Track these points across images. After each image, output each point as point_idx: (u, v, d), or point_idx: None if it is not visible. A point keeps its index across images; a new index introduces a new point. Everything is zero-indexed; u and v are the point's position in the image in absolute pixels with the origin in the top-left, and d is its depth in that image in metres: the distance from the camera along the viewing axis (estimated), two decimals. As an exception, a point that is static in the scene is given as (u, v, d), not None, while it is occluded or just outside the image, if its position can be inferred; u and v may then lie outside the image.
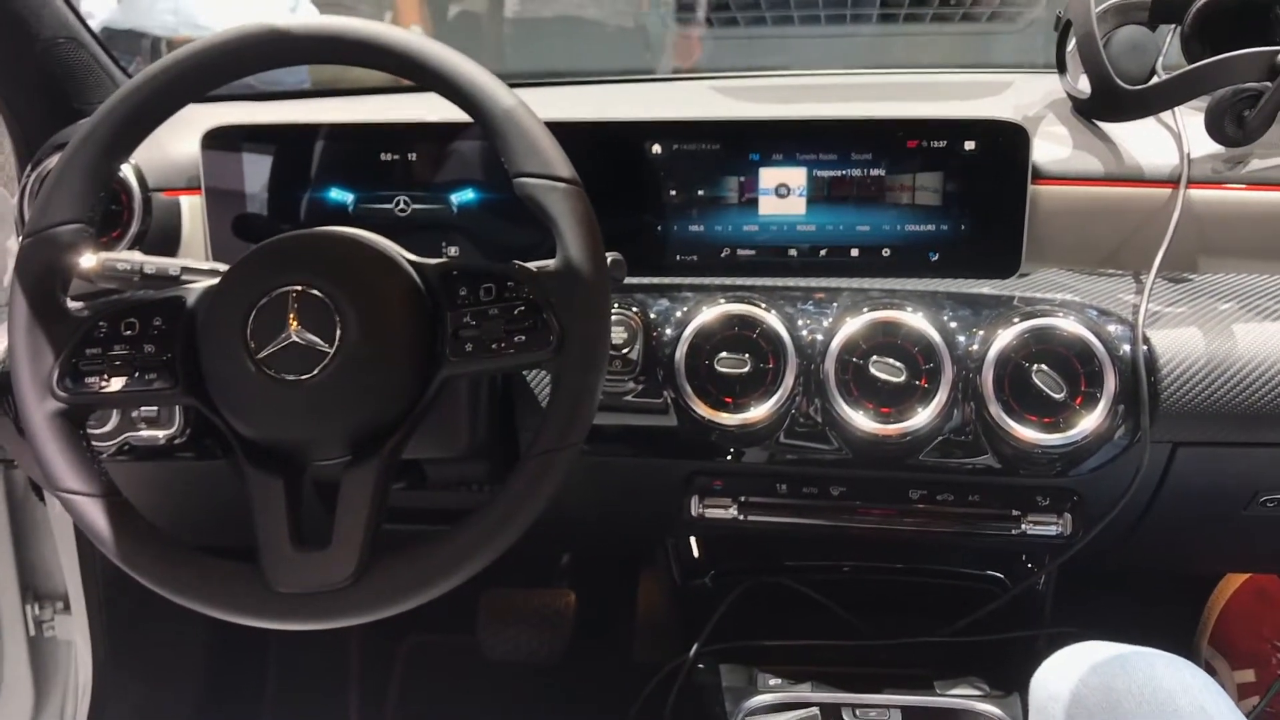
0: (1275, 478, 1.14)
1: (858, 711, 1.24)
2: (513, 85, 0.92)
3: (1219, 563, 1.55)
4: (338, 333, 0.87)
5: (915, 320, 1.07)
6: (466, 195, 1.20)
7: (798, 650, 1.35)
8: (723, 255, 1.18)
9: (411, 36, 0.91)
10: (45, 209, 0.93)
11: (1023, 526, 1.16)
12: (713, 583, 1.44)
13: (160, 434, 1.15)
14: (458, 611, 1.87)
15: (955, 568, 1.38)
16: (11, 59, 1.24)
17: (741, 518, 1.20)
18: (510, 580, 1.91)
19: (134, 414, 1.15)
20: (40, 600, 1.67)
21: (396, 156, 1.20)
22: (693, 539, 1.42)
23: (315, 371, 0.87)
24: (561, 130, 0.91)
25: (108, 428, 1.15)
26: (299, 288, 0.88)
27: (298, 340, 0.87)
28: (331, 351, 0.87)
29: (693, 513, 1.20)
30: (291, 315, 0.88)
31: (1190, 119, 1.18)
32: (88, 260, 0.97)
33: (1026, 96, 1.30)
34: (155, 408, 1.14)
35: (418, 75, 0.91)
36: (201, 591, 0.90)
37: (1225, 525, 1.23)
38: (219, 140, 1.21)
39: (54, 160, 1.22)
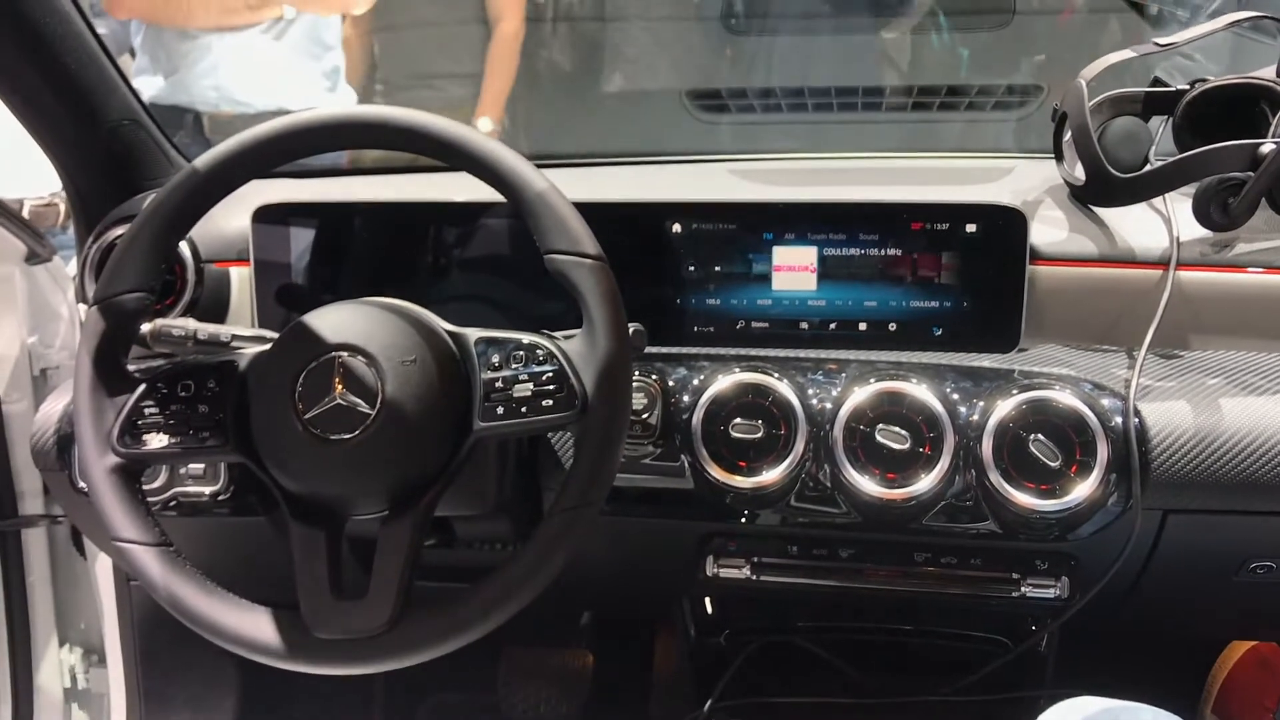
0: (1264, 545, 1.18)
1: None
2: (542, 167, 0.99)
3: (1215, 628, 1.58)
4: (379, 396, 0.94)
5: (919, 391, 1.13)
6: (498, 269, 1.27)
7: (808, 708, 1.39)
8: (738, 327, 1.25)
9: (451, 124, 0.99)
10: (112, 278, 1.00)
11: (1022, 589, 1.21)
12: (727, 642, 1.48)
13: (206, 490, 1.22)
14: (478, 671, 1.91)
15: (960, 630, 1.42)
16: (79, 140, 1.33)
17: (755, 578, 1.25)
18: (530, 640, 1.95)
19: (182, 471, 1.22)
20: (75, 653, 1.72)
21: (433, 232, 1.28)
22: (707, 599, 1.46)
23: (358, 431, 0.93)
24: (589, 210, 0.98)
25: (157, 483, 1.22)
26: (344, 354, 0.95)
27: (342, 402, 0.94)
28: (373, 413, 0.93)
29: (708, 572, 1.25)
30: (337, 379, 0.94)
31: (1180, 205, 1.24)
32: (145, 326, 1.05)
33: (1026, 182, 1.36)
34: (202, 465, 1.21)
35: (457, 160, 0.99)
36: (245, 636, 0.96)
37: (1218, 590, 1.27)
38: (267, 216, 1.29)
39: (114, 233, 1.31)
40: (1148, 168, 1.25)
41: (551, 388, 0.95)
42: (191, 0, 2.39)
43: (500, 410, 0.96)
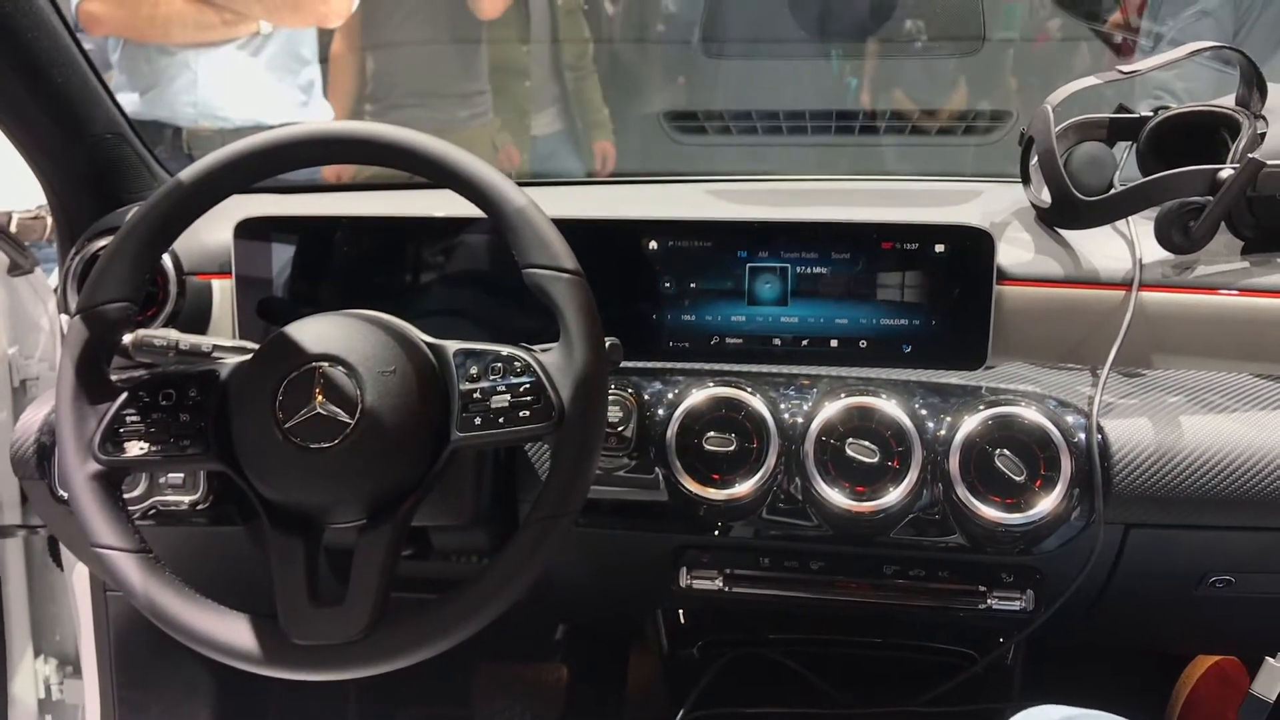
0: (1223, 559, 1.21)
1: None
2: (523, 185, 1.01)
3: (1177, 642, 1.60)
4: (359, 406, 0.95)
5: (888, 406, 1.16)
6: (476, 283, 1.29)
7: (779, 718, 1.40)
8: (712, 343, 1.27)
9: (433, 141, 1.01)
10: (96, 288, 1.02)
11: (989, 602, 1.23)
12: (700, 654, 1.49)
13: (185, 499, 1.23)
14: (452, 684, 1.91)
15: (928, 642, 1.44)
16: (63, 152, 1.34)
17: (727, 589, 1.26)
18: (504, 654, 1.96)
19: (161, 480, 1.23)
20: (50, 664, 1.72)
21: (413, 247, 1.30)
22: (681, 611, 1.48)
23: (337, 440, 0.95)
24: (567, 227, 1.01)
25: (137, 492, 1.22)
26: (324, 364, 0.97)
27: (322, 412, 0.95)
28: (353, 423, 0.95)
29: (681, 584, 1.27)
30: (317, 389, 0.96)
31: (1142, 227, 1.27)
32: (126, 336, 1.06)
33: (994, 204, 1.39)
34: (181, 475, 1.22)
35: (438, 176, 1.01)
36: (222, 642, 0.97)
37: (1179, 604, 1.30)
38: (249, 230, 1.30)
39: (97, 244, 1.32)
40: (1112, 191, 1.28)
41: (529, 399, 0.97)
42: (169, 17, 2.41)
43: (478, 421, 0.98)
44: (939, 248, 1.23)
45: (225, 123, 2.47)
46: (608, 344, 1.02)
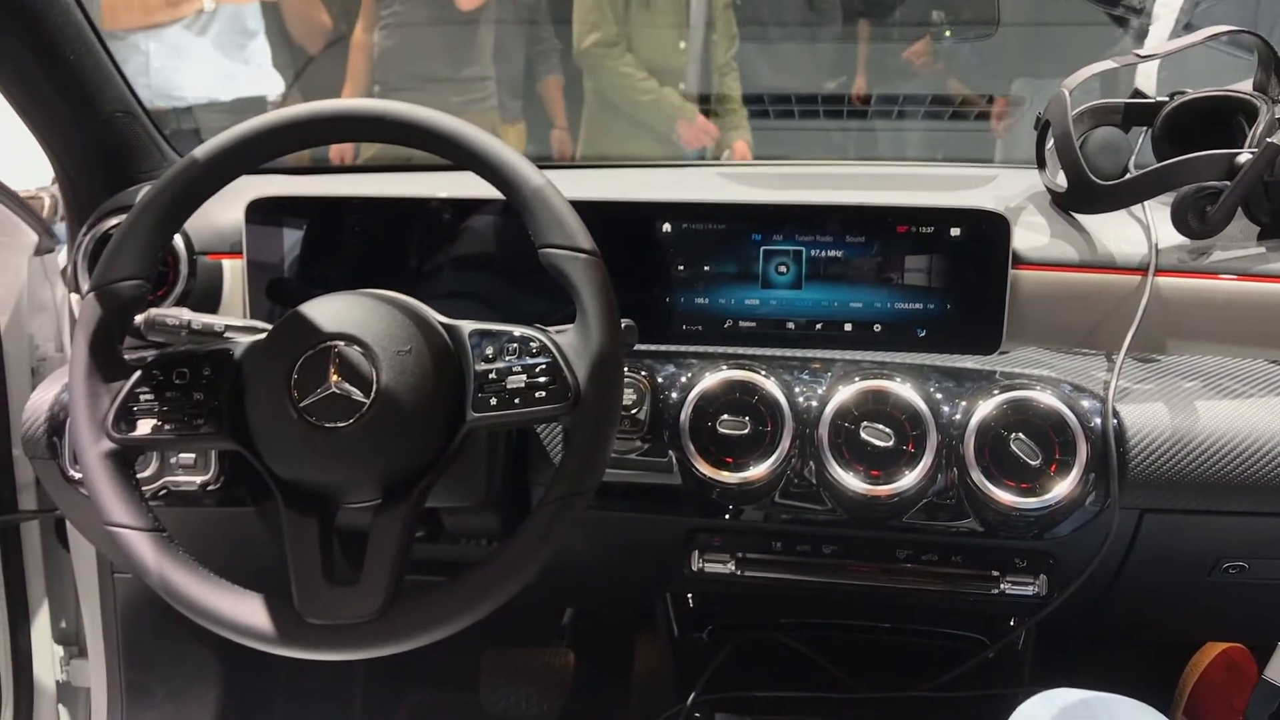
0: (1236, 545, 1.21)
1: None
2: (540, 167, 1.01)
3: (1188, 629, 1.60)
4: (374, 385, 0.95)
5: (903, 390, 1.15)
6: (489, 265, 1.29)
7: (789, 703, 1.40)
8: (726, 326, 1.27)
9: (450, 119, 1.00)
10: (109, 266, 1.01)
11: (1001, 587, 1.22)
12: (709, 637, 1.49)
13: (196, 479, 1.23)
14: (459, 670, 1.92)
15: (940, 627, 1.44)
16: (73, 129, 1.33)
17: (739, 573, 1.26)
18: (512, 638, 1.96)
19: (172, 460, 1.23)
20: (57, 646, 1.72)
21: (426, 228, 1.30)
22: (690, 596, 1.47)
23: (352, 420, 0.94)
24: (583, 208, 1.00)
25: (148, 473, 1.22)
26: (340, 343, 0.96)
27: (337, 391, 0.95)
28: (368, 402, 0.94)
29: (693, 567, 1.26)
30: (332, 368, 0.95)
31: (1158, 212, 1.27)
32: (138, 315, 1.06)
33: (1009, 189, 1.38)
34: (193, 455, 1.22)
35: (456, 155, 1.00)
36: (237, 621, 0.97)
37: (1191, 590, 1.30)
38: (261, 210, 1.30)
39: (109, 223, 1.31)
40: (1127, 176, 1.27)
41: (544, 380, 0.96)
42: (114, 3, 2.41)
43: (493, 401, 0.97)
44: (954, 232, 1.22)
45: (179, 102, 2.48)
46: (623, 326, 1.01)
